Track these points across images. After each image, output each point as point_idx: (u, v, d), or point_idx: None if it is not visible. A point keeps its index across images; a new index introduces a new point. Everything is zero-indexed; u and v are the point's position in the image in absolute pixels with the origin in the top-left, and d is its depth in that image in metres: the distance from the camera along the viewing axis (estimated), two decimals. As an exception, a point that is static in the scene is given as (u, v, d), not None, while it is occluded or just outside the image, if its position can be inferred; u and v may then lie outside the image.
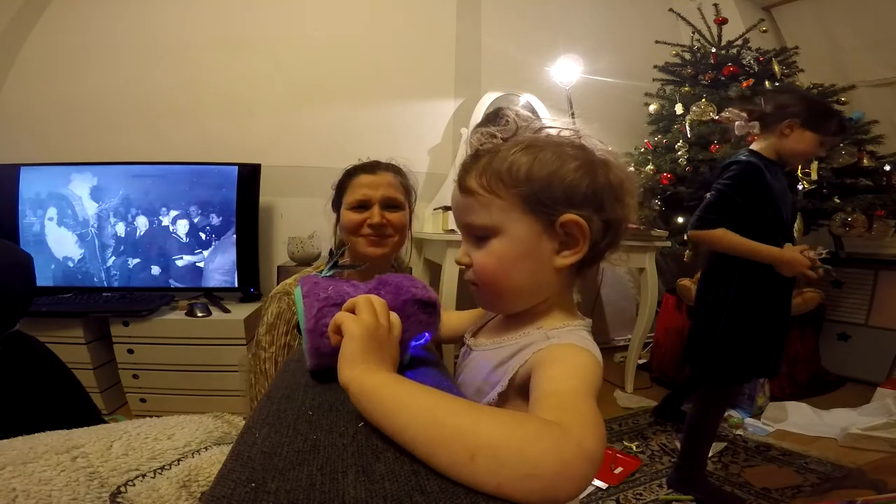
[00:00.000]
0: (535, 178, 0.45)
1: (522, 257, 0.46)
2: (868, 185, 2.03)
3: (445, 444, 0.30)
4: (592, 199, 0.45)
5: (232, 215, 2.01)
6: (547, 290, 0.49)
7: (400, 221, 0.96)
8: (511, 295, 0.49)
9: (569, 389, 0.37)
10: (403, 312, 0.48)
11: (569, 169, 0.45)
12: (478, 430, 0.30)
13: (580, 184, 0.45)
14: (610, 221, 0.47)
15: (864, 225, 1.94)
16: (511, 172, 0.45)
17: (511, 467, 0.28)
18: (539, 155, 0.45)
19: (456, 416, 0.31)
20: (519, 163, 0.45)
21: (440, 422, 0.31)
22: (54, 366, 1.02)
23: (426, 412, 0.32)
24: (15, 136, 2.02)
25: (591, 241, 0.46)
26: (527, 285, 0.48)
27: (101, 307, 1.81)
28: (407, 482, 0.31)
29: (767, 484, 1.43)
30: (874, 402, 1.89)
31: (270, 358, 0.86)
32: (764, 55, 2.31)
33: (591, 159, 0.47)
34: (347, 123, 2.33)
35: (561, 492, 0.28)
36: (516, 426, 0.30)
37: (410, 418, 0.32)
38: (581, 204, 0.45)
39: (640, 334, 2.20)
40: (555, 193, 0.45)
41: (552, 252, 0.46)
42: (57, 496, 0.51)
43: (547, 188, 0.45)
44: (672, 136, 2.32)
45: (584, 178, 0.45)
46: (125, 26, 2.11)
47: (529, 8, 2.66)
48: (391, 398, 0.34)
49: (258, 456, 0.35)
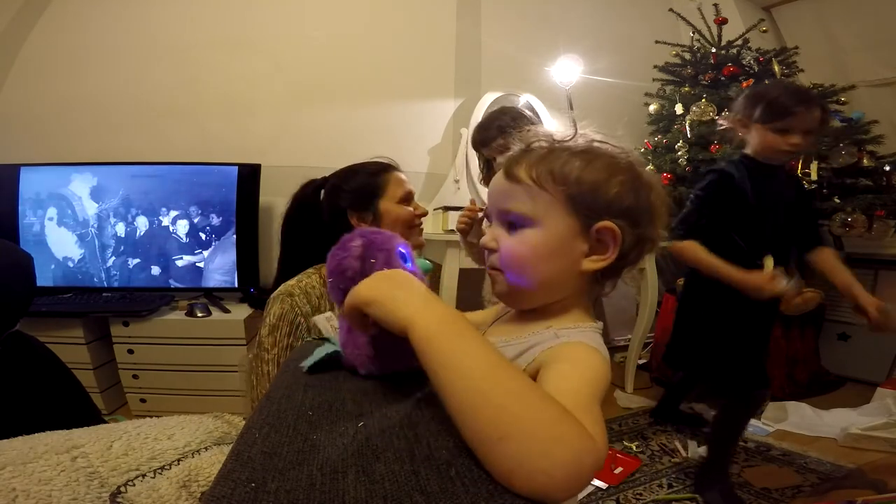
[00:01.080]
0: (585, 181, 0.47)
1: (554, 253, 0.48)
2: (868, 185, 2.03)
3: (482, 418, 0.30)
4: (630, 214, 0.47)
5: (232, 215, 2.01)
6: (565, 290, 0.50)
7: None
8: (532, 286, 0.49)
9: (583, 391, 0.38)
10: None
11: (616, 181, 0.47)
12: (519, 415, 0.30)
13: (624, 197, 0.47)
14: (640, 238, 0.49)
15: (864, 225, 1.94)
16: (563, 171, 0.47)
17: (531, 462, 0.29)
18: (592, 162, 0.48)
19: (502, 392, 0.31)
20: (572, 164, 0.47)
21: (485, 393, 0.31)
22: (54, 366, 1.02)
23: (476, 378, 0.32)
24: (15, 136, 2.02)
25: (620, 250, 0.47)
26: (550, 280, 0.49)
27: (101, 307, 1.82)
28: (407, 482, 0.31)
29: (767, 484, 1.43)
30: (874, 402, 1.89)
31: (273, 360, 0.85)
32: (764, 55, 2.31)
33: (638, 178, 0.49)
34: (347, 123, 2.33)
35: (561, 494, 0.29)
36: (556, 422, 0.31)
37: (458, 379, 0.32)
38: (619, 215, 0.47)
39: (640, 334, 2.19)
40: (598, 200, 0.47)
41: (581, 254, 0.48)
42: (57, 496, 0.51)
43: (592, 193, 0.47)
44: (672, 136, 2.32)
45: (628, 194, 0.47)
46: (125, 26, 2.11)
47: (529, 8, 2.66)
48: (450, 351, 0.34)
49: (258, 456, 0.35)
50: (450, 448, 0.35)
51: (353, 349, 0.47)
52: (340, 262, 0.46)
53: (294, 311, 0.87)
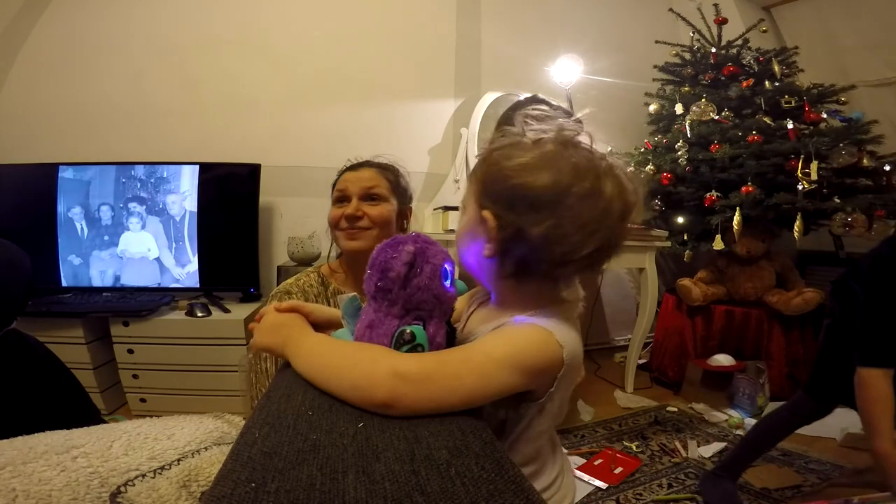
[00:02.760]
0: (490, 171, 0.48)
1: (466, 236, 0.52)
2: (868, 185, 2.02)
3: (325, 378, 0.44)
4: (506, 199, 0.46)
5: (233, 215, 2.01)
6: (491, 274, 0.51)
7: (380, 215, 0.94)
8: (462, 262, 0.54)
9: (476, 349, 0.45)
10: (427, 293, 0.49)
11: (506, 166, 0.46)
12: (339, 364, 0.45)
13: (505, 182, 0.46)
14: (519, 231, 0.45)
15: (864, 225, 1.93)
16: (483, 163, 0.50)
17: (353, 391, 0.42)
18: (511, 152, 0.47)
19: (335, 355, 0.46)
20: (493, 158, 0.49)
21: (326, 361, 0.46)
22: (53, 365, 1.02)
23: (322, 357, 0.46)
24: (15, 136, 2.02)
25: (498, 241, 0.47)
26: (471, 260, 0.52)
27: (101, 307, 1.81)
28: (407, 482, 0.31)
29: (767, 484, 1.43)
30: (874, 402, 1.89)
31: (271, 357, 0.86)
32: (764, 55, 2.30)
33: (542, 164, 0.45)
34: (347, 123, 2.33)
35: (380, 407, 0.40)
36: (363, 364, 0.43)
37: (315, 364, 0.46)
38: (496, 200, 0.47)
39: (640, 334, 2.20)
40: (489, 188, 0.48)
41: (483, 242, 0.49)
42: (57, 496, 0.51)
43: (489, 181, 0.48)
44: (672, 136, 2.32)
45: (510, 178, 0.45)
46: (125, 26, 2.11)
47: (529, 8, 2.66)
48: (309, 354, 0.48)
49: (258, 456, 0.35)
50: (450, 448, 0.35)
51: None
52: (388, 260, 0.47)
53: None
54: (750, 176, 2.01)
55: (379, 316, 0.48)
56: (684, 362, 2.20)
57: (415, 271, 0.47)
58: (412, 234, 0.50)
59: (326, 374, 0.44)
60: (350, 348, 0.47)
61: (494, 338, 0.46)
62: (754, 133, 2.05)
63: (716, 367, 2.04)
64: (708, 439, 1.74)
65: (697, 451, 1.64)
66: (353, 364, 0.44)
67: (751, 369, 2.01)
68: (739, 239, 2.08)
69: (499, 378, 0.43)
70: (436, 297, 0.48)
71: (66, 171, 1.93)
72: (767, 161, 2.00)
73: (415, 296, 0.47)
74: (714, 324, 2.17)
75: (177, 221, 1.99)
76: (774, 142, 2.03)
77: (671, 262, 2.83)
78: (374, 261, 0.49)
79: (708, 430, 1.83)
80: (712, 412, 1.95)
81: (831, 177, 1.99)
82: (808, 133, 2.08)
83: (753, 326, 2.10)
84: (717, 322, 2.17)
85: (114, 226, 1.96)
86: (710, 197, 2.10)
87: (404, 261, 0.46)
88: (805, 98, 2.13)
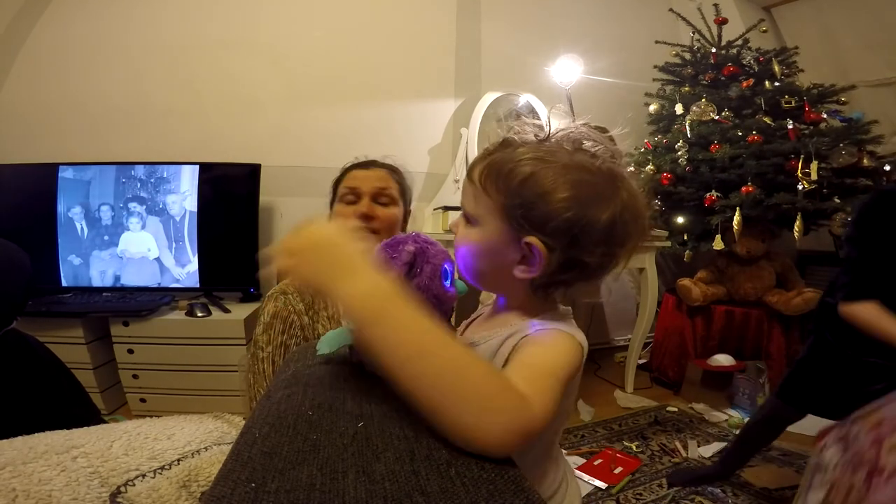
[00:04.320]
0: (524, 193, 0.44)
1: (486, 253, 0.48)
2: (868, 185, 2.02)
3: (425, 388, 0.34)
4: (567, 233, 0.44)
5: (233, 215, 2.01)
6: (512, 290, 0.50)
7: (389, 217, 0.93)
8: (471, 278, 0.51)
9: (538, 364, 0.40)
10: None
11: (559, 198, 0.43)
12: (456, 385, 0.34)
13: (560, 215, 0.43)
14: (577, 261, 0.45)
15: (864, 225, 1.93)
16: (507, 178, 0.45)
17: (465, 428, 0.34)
18: (540, 171, 0.44)
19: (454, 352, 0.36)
20: (517, 172, 0.45)
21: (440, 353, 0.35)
22: (53, 365, 1.02)
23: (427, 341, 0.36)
24: (15, 136, 2.02)
25: (546, 269, 0.45)
26: (487, 277, 0.50)
27: (101, 307, 1.82)
28: (407, 482, 0.31)
29: (767, 484, 1.43)
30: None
31: (268, 358, 0.85)
32: (764, 55, 2.30)
33: (593, 195, 0.44)
34: (347, 123, 2.33)
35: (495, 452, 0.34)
36: (490, 376, 0.35)
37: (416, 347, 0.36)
38: (553, 233, 0.44)
39: (640, 334, 2.20)
40: (533, 214, 0.44)
41: (514, 261, 0.46)
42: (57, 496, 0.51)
43: (528, 206, 0.44)
44: (672, 136, 2.32)
45: (566, 211, 0.43)
46: (125, 26, 2.10)
47: (529, 8, 2.66)
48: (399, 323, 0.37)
49: (258, 456, 0.35)
50: (450, 448, 0.35)
51: None
52: (388, 260, 0.47)
53: (288, 308, 0.87)
54: (750, 176, 2.01)
55: None
56: (684, 362, 2.20)
57: (415, 271, 0.47)
58: (412, 234, 0.49)
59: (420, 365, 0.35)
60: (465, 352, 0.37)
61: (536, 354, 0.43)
62: (754, 133, 2.05)
63: (716, 367, 2.04)
64: (708, 439, 1.74)
65: (697, 451, 1.64)
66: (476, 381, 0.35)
67: (751, 369, 2.01)
68: (739, 239, 2.08)
69: (559, 394, 0.40)
70: (436, 297, 0.48)
71: (66, 171, 1.93)
72: (767, 161, 2.00)
73: (415, 296, 0.47)
74: (714, 324, 2.17)
75: (177, 221, 1.99)
76: (774, 142, 2.03)
77: (671, 262, 2.83)
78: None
79: (708, 430, 1.83)
80: (712, 412, 1.95)
81: (831, 177, 1.99)
82: (808, 133, 2.08)
83: (753, 326, 2.10)
84: (717, 322, 2.17)
85: (114, 226, 1.96)
86: (710, 197, 2.10)
87: (404, 261, 0.46)
88: (805, 98, 2.12)
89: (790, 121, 2.05)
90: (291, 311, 0.87)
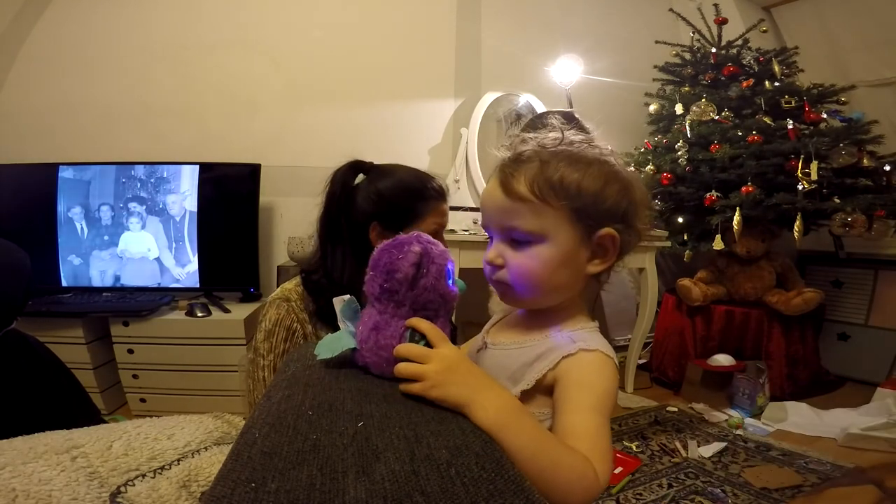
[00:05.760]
0: (585, 193, 0.48)
1: (564, 264, 0.49)
2: (868, 185, 2.02)
3: (537, 475, 0.40)
4: (625, 217, 0.50)
5: (233, 215, 2.01)
6: (571, 292, 0.53)
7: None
8: (545, 295, 0.51)
9: (596, 426, 0.44)
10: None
11: (612, 189, 0.49)
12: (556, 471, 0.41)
13: (620, 203, 0.50)
14: (633, 236, 0.52)
15: (864, 225, 1.93)
16: (563, 185, 0.48)
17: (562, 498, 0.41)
18: (588, 171, 0.49)
19: (547, 458, 0.41)
20: (571, 177, 0.48)
21: (537, 461, 0.41)
22: (53, 365, 1.02)
23: (537, 444, 0.42)
24: (15, 136, 2.02)
25: (617, 254, 0.51)
26: (559, 288, 0.51)
27: (101, 307, 1.81)
28: (407, 482, 0.31)
29: (767, 484, 1.43)
30: (874, 402, 1.89)
31: (269, 366, 0.83)
32: (764, 55, 2.30)
33: (624, 180, 0.51)
34: (347, 123, 2.33)
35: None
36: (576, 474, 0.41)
37: (530, 449, 0.42)
38: (617, 220, 0.50)
39: (640, 334, 2.20)
40: (599, 209, 0.49)
41: (586, 260, 0.50)
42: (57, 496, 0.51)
43: (593, 204, 0.48)
44: (672, 136, 2.32)
45: (623, 199, 0.50)
46: (125, 26, 2.10)
47: (529, 8, 2.65)
48: (519, 431, 0.42)
49: (258, 456, 0.35)
50: (450, 448, 0.35)
51: (374, 349, 0.47)
52: (394, 261, 0.47)
53: (291, 316, 0.85)
54: (750, 176, 2.01)
55: (385, 318, 0.48)
56: (684, 362, 2.20)
57: (422, 272, 0.47)
58: (414, 235, 0.49)
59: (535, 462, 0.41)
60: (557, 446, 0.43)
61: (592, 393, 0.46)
62: (754, 133, 2.05)
63: (716, 367, 2.04)
64: (708, 439, 1.74)
65: (697, 451, 1.64)
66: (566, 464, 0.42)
67: (751, 369, 2.01)
68: (739, 239, 2.08)
69: (609, 429, 0.46)
70: (441, 296, 0.49)
71: (66, 171, 1.93)
72: (767, 161, 2.00)
73: (422, 296, 0.48)
74: (714, 324, 2.17)
75: (177, 221, 1.99)
76: (774, 142, 2.03)
77: (671, 262, 2.83)
78: (376, 262, 0.48)
79: (708, 430, 1.83)
80: (712, 412, 1.95)
81: (831, 177, 1.99)
82: (808, 133, 2.08)
83: (753, 326, 2.10)
84: (717, 322, 2.17)
85: (114, 226, 1.96)
86: (710, 197, 2.10)
87: (412, 262, 0.46)
88: (805, 98, 2.12)
89: (790, 121, 2.05)
90: (294, 319, 0.85)
